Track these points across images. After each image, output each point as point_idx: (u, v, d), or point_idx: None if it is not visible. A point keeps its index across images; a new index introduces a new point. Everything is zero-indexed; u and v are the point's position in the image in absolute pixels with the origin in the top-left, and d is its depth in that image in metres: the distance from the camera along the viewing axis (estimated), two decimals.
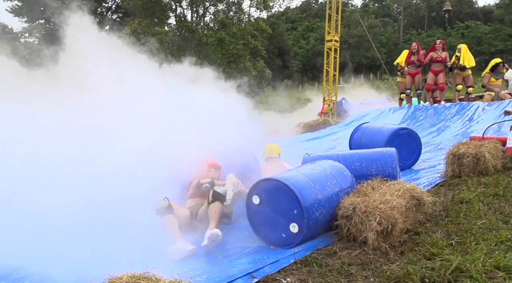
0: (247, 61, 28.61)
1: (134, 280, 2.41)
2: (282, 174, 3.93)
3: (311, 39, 47.78)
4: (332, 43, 17.12)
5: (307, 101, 25.25)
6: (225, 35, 28.25)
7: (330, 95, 17.25)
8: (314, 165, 4.25)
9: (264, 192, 3.79)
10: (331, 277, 3.00)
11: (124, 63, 5.57)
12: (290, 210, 3.63)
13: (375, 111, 13.18)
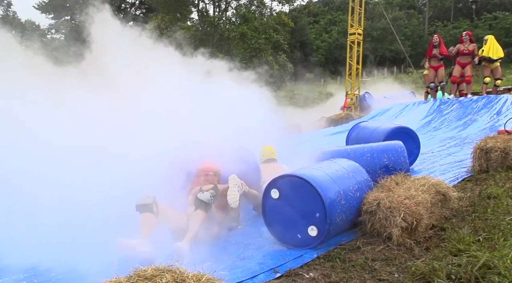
0: (269, 55, 28.52)
1: (158, 272, 2.44)
2: (307, 171, 3.69)
3: (334, 32, 47.27)
4: (355, 37, 16.91)
5: (329, 95, 25.07)
6: (247, 29, 28.22)
7: (353, 89, 17.06)
8: (337, 165, 4.03)
9: (286, 188, 3.60)
10: (355, 272, 2.98)
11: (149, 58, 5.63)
12: (312, 212, 3.47)
13: (399, 105, 12.99)
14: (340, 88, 24.48)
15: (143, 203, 3.70)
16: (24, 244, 3.49)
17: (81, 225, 3.69)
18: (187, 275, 2.42)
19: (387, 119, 12.01)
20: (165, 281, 2.33)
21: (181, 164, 4.59)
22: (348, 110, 16.44)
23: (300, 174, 3.57)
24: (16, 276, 3.36)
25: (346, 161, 4.26)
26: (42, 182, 3.94)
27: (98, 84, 5.36)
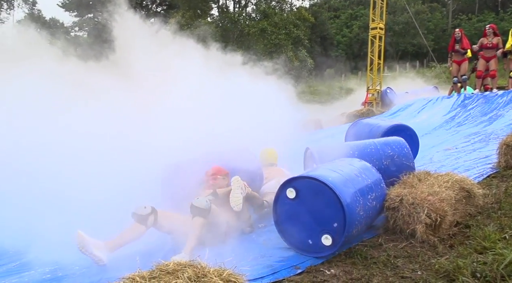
0: (289, 51, 28.42)
1: (180, 267, 2.47)
2: (328, 174, 3.39)
3: (355, 27, 46.77)
4: (376, 31, 16.71)
5: (350, 91, 24.84)
6: (267, 25, 28.18)
7: (374, 85, 16.87)
8: (356, 169, 3.77)
9: (305, 189, 3.33)
10: (377, 269, 2.95)
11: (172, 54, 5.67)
12: (329, 220, 3.22)
13: (422, 101, 12.78)
14: (361, 83, 24.25)
15: (139, 213, 3.56)
16: (49, 239, 3.55)
17: (105, 220, 3.74)
18: (208, 270, 2.44)
19: (409, 115, 11.85)
20: (187, 275, 2.36)
21: (181, 166, 4.38)
22: (369, 105, 16.28)
23: (323, 178, 3.27)
24: (41, 269, 3.43)
25: (362, 164, 3.98)
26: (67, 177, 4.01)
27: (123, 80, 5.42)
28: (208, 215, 3.59)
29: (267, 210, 4.39)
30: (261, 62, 7.97)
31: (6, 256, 3.80)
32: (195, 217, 3.54)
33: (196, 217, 3.54)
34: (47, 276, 3.34)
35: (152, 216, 3.57)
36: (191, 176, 4.29)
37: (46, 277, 3.33)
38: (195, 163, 4.40)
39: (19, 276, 3.39)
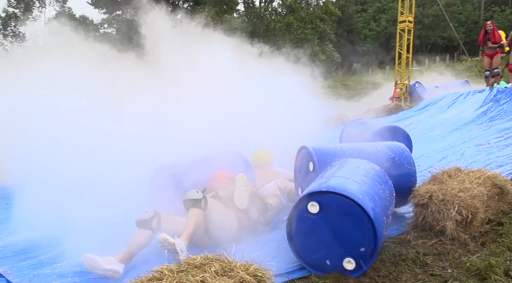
0: (315, 45, 28.19)
1: (207, 261, 2.50)
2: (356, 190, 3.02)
3: (382, 20, 45.99)
4: (405, 24, 16.37)
5: (377, 85, 24.46)
6: (293, 20, 28.04)
7: (403, 79, 16.56)
8: (375, 178, 3.47)
9: (332, 205, 2.92)
10: (405, 266, 2.91)
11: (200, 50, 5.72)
12: (356, 243, 2.86)
13: (452, 95, 12.47)
14: (388, 78, 23.84)
15: (141, 218, 3.45)
16: (80, 231, 3.64)
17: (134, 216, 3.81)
18: (235, 265, 2.47)
19: (439, 110, 11.59)
20: (214, 269, 2.39)
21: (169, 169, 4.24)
22: (398, 100, 15.99)
23: (355, 196, 2.88)
24: (72, 261, 3.53)
25: (378, 170, 3.68)
26: (99, 173, 4.09)
27: (155, 78, 5.51)
28: (201, 204, 3.45)
29: (271, 214, 4.22)
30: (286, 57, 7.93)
31: (39, 247, 3.92)
32: (190, 208, 3.44)
33: (191, 209, 3.44)
34: (77, 269, 3.43)
35: (155, 219, 3.46)
36: (180, 179, 4.07)
37: (76, 269, 3.42)
38: (183, 166, 4.26)
39: (51, 268, 3.50)
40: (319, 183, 3.18)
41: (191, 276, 2.27)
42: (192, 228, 3.32)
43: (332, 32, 30.50)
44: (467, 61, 25.57)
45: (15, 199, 4.69)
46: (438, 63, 32.35)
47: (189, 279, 2.24)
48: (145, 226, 3.41)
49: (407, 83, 16.56)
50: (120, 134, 4.47)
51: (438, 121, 10.09)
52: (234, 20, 29.41)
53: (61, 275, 3.36)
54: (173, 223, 3.55)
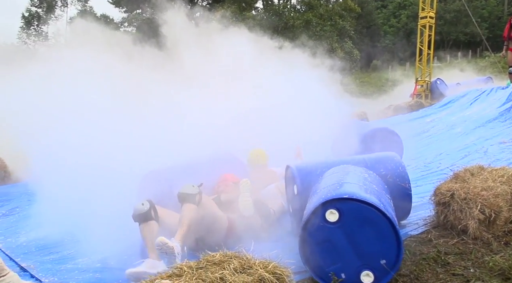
0: (334, 42, 27.98)
1: (226, 258, 2.51)
2: (375, 197, 2.84)
3: (403, 16, 45.36)
4: (426, 20, 16.11)
5: (398, 82, 24.16)
6: (312, 17, 27.87)
7: (424, 76, 16.32)
8: (385, 190, 3.36)
9: (351, 213, 2.70)
10: (426, 265, 2.87)
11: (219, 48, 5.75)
12: (376, 255, 2.66)
13: (475, 92, 12.21)
14: (409, 75, 23.55)
15: (140, 212, 3.31)
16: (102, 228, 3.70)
17: None
18: (254, 262, 2.47)
19: (461, 107, 11.37)
20: (233, 266, 2.39)
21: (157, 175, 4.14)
22: (418, 97, 15.78)
23: (376, 203, 2.70)
24: (94, 257, 3.60)
25: (379, 179, 3.53)
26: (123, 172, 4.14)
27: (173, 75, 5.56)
28: (196, 200, 3.30)
29: (274, 219, 4.05)
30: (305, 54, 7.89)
31: (62, 243, 4.01)
32: (184, 204, 3.29)
33: (185, 204, 3.28)
34: (97, 265, 3.50)
35: (152, 210, 3.35)
36: (169, 186, 3.93)
37: (97, 266, 3.49)
38: (173, 172, 4.13)
39: (73, 263, 3.57)
40: (334, 189, 2.93)
41: (210, 273, 2.28)
42: (187, 227, 3.18)
43: (351, 28, 30.22)
44: (490, 57, 25.04)
45: (38, 195, 4.79)
46: (460, 60, 31.80)
47: (208, 276, 2.25)
48: (146, 218, 3.31)
49: (428, 80, 16.33)
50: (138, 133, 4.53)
51: (460, 119, 9.91)
52: (253, 17, 29.40)
53: (84, 270, 3.43)
54: (168, 216, 3.47)
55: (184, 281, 2.20)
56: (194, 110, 5.04)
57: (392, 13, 48.48)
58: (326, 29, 27.84)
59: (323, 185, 3.18)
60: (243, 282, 2.25)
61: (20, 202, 5.63)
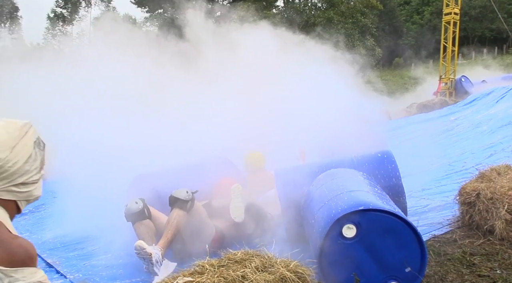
0: (356, 40, 27.70)
1: (248, 256, 2.51)
2: (394, 208, 2.69)
3: (426, 13, 44.61)
4: (451, 17, 15.82)
5: (421, 80, 23.79)
6: (333, 14, 27.64)
7: (448, 73, 16.03)
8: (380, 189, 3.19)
9: (370, 225, 2.52)
10: (451, 266, 2.82)
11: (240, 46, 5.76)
12: (400, 264, 2.49)
13: (500, 89, 11.92)
14: (432, 72, 23.17)
15: (133, 211, 3.18)
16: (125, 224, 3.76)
17: None
18: (275, 261, 2.46)
19: (486, 105, 11.13)
20: (254, 265, 2.39)
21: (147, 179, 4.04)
22: (442, 95, 15.51)
23: (398, 212, 2.57)
24: (117, 253, 3.65)
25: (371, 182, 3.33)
26: None
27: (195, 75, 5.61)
28: (187, 207, 3.14)
29: (271, 224, 3.86)
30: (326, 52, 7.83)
31: (87, 239, 4.09)
32: (174, 208, 3.13)
33: (174, 209, 3.12)
34: (120, 261, 3.55)
35: (146, 209, 3.24)
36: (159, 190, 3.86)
37: (120, 262, 3.54)
38: (163, 175, 4.06)
39: (98, 259, 3.63)
40: (343, 200, 2.70)
41: (231, 271, 2.29)
42: (172, 234, 3.05)
43: (373, 26, 29.85)
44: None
45: (63, 192, 4.89)
46: (486, 57, 31.10)
47: (230, 274, 2.26)
48: (140, 217, 3.18)
49: (452, 78, 16.04)
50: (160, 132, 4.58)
51: (485, 117, 9.69)
52: (273, 15, 29.35)
53: (107, 266, 3.48)
54: (158, 217, 3.33)
55: (205, 278, 2.21)
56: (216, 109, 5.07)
57: (415, 10, 47.73)
58: (348, 27, 27.58)
59: (325, 193, 2.97)
60: (265, 280, 2.24)
61: (46, 199, 5.76)
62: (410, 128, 10.30)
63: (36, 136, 1.53)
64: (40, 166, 1.51)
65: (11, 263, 1.31)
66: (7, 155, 1.40)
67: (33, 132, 1.51)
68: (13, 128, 1.45)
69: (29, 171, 1.46)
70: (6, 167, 1.39)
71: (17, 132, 1.45)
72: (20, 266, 1.32)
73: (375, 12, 31.04)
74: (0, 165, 1.38)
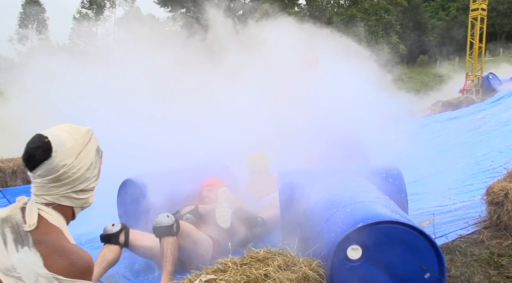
0: (379, 37, 27.36)
1: (270, 255, 2.52)
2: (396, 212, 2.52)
3: (452, 9, 43.73)
4: (478, 12, 15.45)
5: (446, 78, 23.33)
6: (356, 12, 27.36)
7: (475, 70, 15.67)
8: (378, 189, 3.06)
9: (377, 239, 2.31)
10: (478, 267, 2.76)
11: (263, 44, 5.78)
12: (418, 272, 2.30)
13: None
14: (458, 70, 22.72)
15: (108, 232, 3.10)
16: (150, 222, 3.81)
17: None
18: (298, 259, 2.46)
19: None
20: (277, 263, 2.39)
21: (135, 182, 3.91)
22: (468, 93, 15.17)
23: (401, 219, 2.37)
24: None
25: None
26: None
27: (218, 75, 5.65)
28: (174, 230, 2.98)
29: (263, 229, 3.76)
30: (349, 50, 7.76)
31: None
32: (162, 238, 2.95)
33: (163, 238, 2.95)
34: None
35: (123, 234, 3.10)
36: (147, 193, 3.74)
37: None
38: (154, 179, 3.91)
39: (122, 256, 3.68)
40: (343, 219, 2.48)
41: (254, 269, 2.29)
42: (171, 265, 2.87)
43: (397, 23, 29.44)
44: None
45: None
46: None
47: (252, 272, 2.26)
48: (112, 240, 3.06)
49: (479, 75, 15.68)
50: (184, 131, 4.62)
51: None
52: (295, 14, 29.23)
53: (131, 263, 3.53)
54: (142, 240, 3.21)
55: (228, 276, 2.22)
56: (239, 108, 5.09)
57: (440, 6, 46.84)
58: (371, 24, 27.26)
59: (327, 206, 2.80)
60: (287, 279, 2.24)
61: None
62: (435, 127, 10.10)
63: (97, 144, 1.55)
64: (98, 174, 1.53)
65: (70, 273, 1.31)
66: (73, 161, 1.41)
67: (95, 140, 1.53)
68: (79, 134, 1.47)
69: (89, 178, 1.48)
70: (70, 173, 1.40)
71: (82, 138, 1.47)
72: (79, 277, 1.33)
73: (399, 9, 30.59)
74: (65, 170, 1.39)
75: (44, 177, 1.38)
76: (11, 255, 1.30)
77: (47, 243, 1.32)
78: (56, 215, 1.41)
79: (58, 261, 1.31)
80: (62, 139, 1.41)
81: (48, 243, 1.33)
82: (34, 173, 1.38)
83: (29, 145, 1.39)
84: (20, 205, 1.39)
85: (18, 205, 1.39)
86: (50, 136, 1.40)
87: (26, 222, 1.34)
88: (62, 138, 1.41)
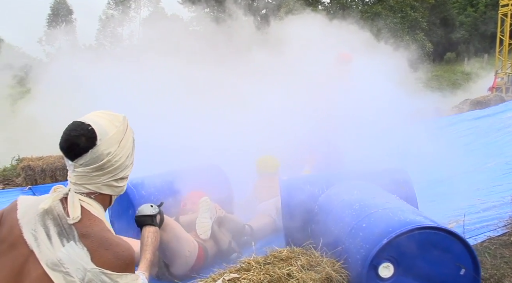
0: (405, 35, 26.95)
1: (293, 254, 2.51)
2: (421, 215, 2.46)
3: (481, 5, 42.69)
4: (508, 8, 15.12)
5: (474, 76, 22.83)
6: (381, 9, 27.03)
7: (505, 68, 15.33)
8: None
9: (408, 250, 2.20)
10: (508, 270, 2.69)
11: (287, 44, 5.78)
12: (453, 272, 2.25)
13: None
14: (487, 67, 22.16)
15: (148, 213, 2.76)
16: None
17: None
18: (321, 259, 2.44)
19: None
20: (300, 263, 2.38)
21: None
22: (498, 91, 14.82)
23: (429, 223, 2.28)
24: None
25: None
26: None
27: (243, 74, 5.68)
28: (157, 221, 2.66)
29: (249, 238, 3.61)
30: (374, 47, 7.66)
31: None
32: (143, 227, 2.59)
33: (144, 227, 2.58)
34: None
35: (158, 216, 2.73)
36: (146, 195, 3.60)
37: None
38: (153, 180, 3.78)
39: None
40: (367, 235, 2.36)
41: (277, 269, 2.29)
42: (150, 254, 2.50)
43: (423, 20, 28.91)
44: None
45: None
46: None
47: (275, 271, 2.26)
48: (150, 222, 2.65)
49: (510, 72, 15.32)
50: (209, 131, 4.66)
51: None
52: (319, 12, 29.07)
53: None
54: None
55: (252, 275, 2.22)
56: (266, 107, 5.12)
57: (469, 2, 45.81)
58: (396, 21, 26.87)
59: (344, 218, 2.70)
60: (310, 279, 2.23)
61: None
62: (462, 126, 9.89)
63: (132, 131, 1.52)
64: (132, 161, 1.50)
65: (116, 267, 1.28)
66: (116, 149, 1.38)
67: (130, 127, 1.50)
68: (118, 122, 1.43)
69: (128, 166, 1.46)
70: (113, 161, 1.38)
71: (122, 126, 1.43)
72: (124, 271, 1.31)
73: (426, 6, 30.06)
74: (109, 159, 1.36)
75: (87, 166, 1.34)
76: (56, 249, 1.27)
77: (92, 237, 1.30)
78: (96, 205, 1.39)
79: (104, 254, 1.28)
80: (104, 127, 1.37)
81: (93, 237, 1.30)
82: (76, 162, 1.34)
83: (70, 132, 1.34)
84: (60, 195, 1.36)
85: (58, 196, 1.35)
86: (93, 124, 1.36)
87: (70, 214, 1.31)
88: (104, 126, 1.37)
